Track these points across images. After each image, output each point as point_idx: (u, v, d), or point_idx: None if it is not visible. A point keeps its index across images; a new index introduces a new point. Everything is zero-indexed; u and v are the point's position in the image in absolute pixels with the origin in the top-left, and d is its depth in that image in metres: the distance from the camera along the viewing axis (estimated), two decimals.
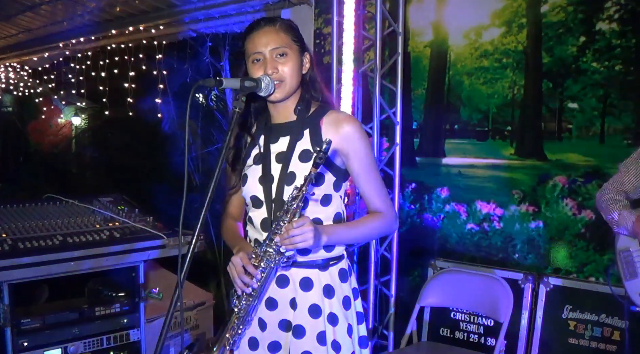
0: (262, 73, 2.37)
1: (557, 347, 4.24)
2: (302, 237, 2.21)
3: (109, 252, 3.82)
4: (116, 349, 4.00)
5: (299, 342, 2.41)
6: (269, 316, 2.48)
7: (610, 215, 3.15)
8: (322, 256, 2.46)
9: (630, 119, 4.06)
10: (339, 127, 2.43)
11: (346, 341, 2.46)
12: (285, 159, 2.45)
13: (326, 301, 2.45)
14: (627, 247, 3.15)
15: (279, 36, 2.39)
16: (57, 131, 11.12)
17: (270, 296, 2.47)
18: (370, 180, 2.48)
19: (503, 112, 4.66)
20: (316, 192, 2.42)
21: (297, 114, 2.50)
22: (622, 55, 4.07)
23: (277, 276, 2.45)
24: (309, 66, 2.51)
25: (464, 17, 4.80)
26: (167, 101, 7.70)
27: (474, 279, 4.26)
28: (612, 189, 3.21)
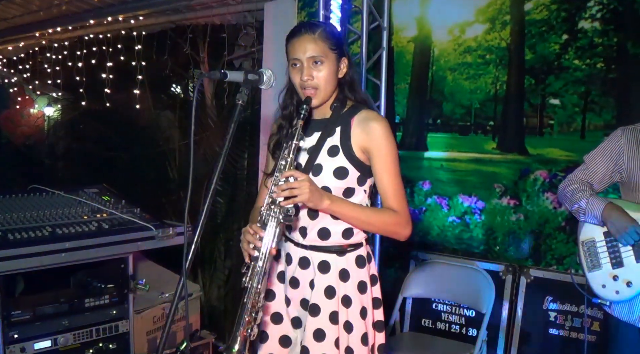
0: (299, 77, 2.52)
1: (538, 337, 4.32)
2: (298, 187, 2.32)
3: (99, 243, 3.80)
4: (105, 340, 4.00)
5: (314, 320, 2.57)
6: (292, 293, 2.67)
7: (577, 203, 3.11)
8: (340, 242, 2.61)
9: (610, 116, 4.15)
10: (366, 124, 2.55)
11: (359, 323, 2.59)
12: (315, 152, 2.60)
13: (341, 284, 2.60)
14: (592, 238, 3.13)
15: (317, 45, 2.50)
16: (31, 121, 11.00)
17: (294, 275, 2.65)
18: (389, 179, 2.56)
19: (485, 108, 4.73)
20: (339, 185, 2.56)
21: (332, 112, 2.64)
22: (603, 53, 4.16)
23: (300, 257, 2.63)
24: (346, 70, 2.62)
25: (448, 13, 4.86)
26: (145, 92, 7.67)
27: (456, 270, 4.34)
28: (577, 179, 3.21)
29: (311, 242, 2.63)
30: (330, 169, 2.56)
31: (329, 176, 2.56)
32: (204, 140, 6.64)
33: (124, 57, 7.65)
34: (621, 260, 3.02)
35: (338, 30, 2.74)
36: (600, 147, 3.20)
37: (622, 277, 3.00)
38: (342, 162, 2.56)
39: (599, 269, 3.08)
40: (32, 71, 9.52)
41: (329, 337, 2.56)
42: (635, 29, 4.03)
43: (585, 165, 3.24)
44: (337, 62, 2.58)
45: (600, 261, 3.09)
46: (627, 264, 3.00)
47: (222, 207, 6.86)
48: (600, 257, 3.09)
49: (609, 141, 3.17)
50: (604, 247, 3.09)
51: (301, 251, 2.65)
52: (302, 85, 2.54)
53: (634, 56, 4.03)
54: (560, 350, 4.25)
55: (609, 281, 3.04)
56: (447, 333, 4.69)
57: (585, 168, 3.23)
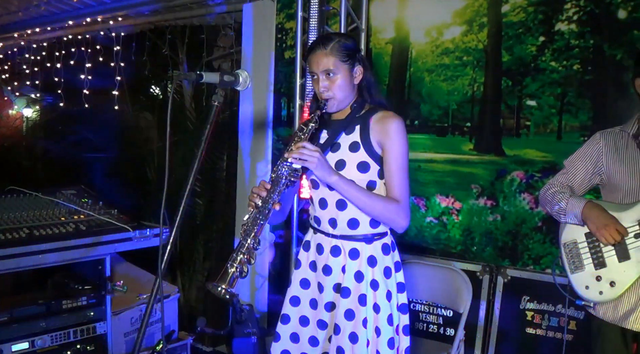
0: (317, 88, 2.78)
1: (515, 337, 4.32)
2: (309, 154, 2.56)
3: (76, 245, 3.77)
4: (83, 342, 3.95)
5: (344, 301, 2.80)
6: (325, 280, 2.87)
7: (557, 205, 3.09)
8: (368, 231, 2.83)
9: (586, 117, 4.14)
10: (383, 123, 2.76)
11: (385, 305, 2.82)
12: (338, 148, 2.83)
13: (369, 269, 2.82)
14: (573, 240, 3.09)
15: (328, 59, 2.73)
16: (10, 122, 10.87)
17: (327, 263, 2.86)
18: (396, 171, 2.75)
19: (463, 109, 4.71)
20: (363, 178, 2.77)
21: (351, 113, 2.85)
22: (580, 55, 4.15)
23: (332, 246, 2.86)
24: (362, 76, 2.84)
25: (425, 15, 4.84)
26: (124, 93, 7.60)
27: (433, 271, 4.30)
28: (557, 183, 3.20)
29: (341, 232, 2.85)
30: (354, 164, 2.77)
31: (353, 170, 2.77)
32: (182, 142, 6.60)
33: (102, 58, 7.59)
34: (604, 260, 2.98)
35: (353, 40, 2.87)
36: (580, 151, 3.21)
37: (605, 277, 2.97)
38: (363, 157, 2.77)
39: (581, 270, 3.04)
40: (11, 72, 9.43)
41: (358, 317, 2.78)
42: (611, 31, 4.02)
43: (565, 169, 3.25)
44: (351, 72, 2.79)
45: (582, 262, 3.05)
46: (609, 264, 2.97)
47: (201, 208, 6.83)
48: (582, 258, 3.06)
49: (588, 145, 3.18)
50: (586, 248, 3.05)
51: (332, 240, 2.87)
52: (319, 95, 2.79)
53: (610, 58, 4.03)
54: (537, 349, 4.24)
55: (593, 282, 3.00)
56: (425, 332, 4.67)
57: (565, 172, 3.24)
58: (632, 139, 3.01)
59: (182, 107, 7.11)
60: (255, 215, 2.57)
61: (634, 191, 2.96)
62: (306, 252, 3.00)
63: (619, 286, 2.93)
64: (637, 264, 2.90)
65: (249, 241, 2.51)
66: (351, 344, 2.77)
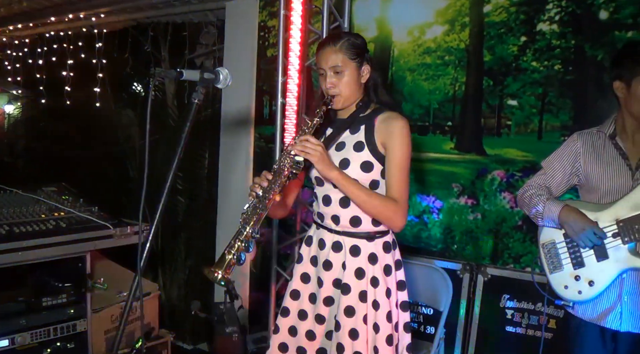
0: (324, 84, 2.80)
1: (495, 335, 4.30)
2: (313, 148, 2.59)
3: (56, 242, 3.73)
4: (63, 339, 3.91)
5: (345, 298, 2.82)
6: (325, 275, 2.90)
7: (534, 208, 3.10)
8: (370, 229, 2.85)
9: (567, 117, 4.14)
10: (388, 123, 2.78)
11: (384, 302, 2.84)
12: (342, 147, 2.86)
13: (370, 266, 2.84)
14: (552, 240, 3.10)
15: (337, 56, 2.76)
16: None
17: (328, 258, 2.89)
18: (396, 171, 2.77)
19: (444, 108, 4.70)
20: (366, 177, 2.79)
21: (356, 112, 2.88)
22: (561, 55, 4.15)
23: (333, 242, 2.89)
24: (369, 75, 2.87)
25: (408, 15, 4.82)
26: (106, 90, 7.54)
27: (414, 269, 4.29)
28: (535, 185, 3.20)
29: (344, 229, 2.87)
30: (358, 163, 2.79)
31: (356, 169, 2.79)
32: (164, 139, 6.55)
33: (84, 54, 7.53)
34: (582, 260, 2.99)
35: (362, 40, 2.88)
36: (557, 152, 3.21)
37: (583, 277, 2.98)
38: (367, 157, 2.79)
39: (560, 270, 3.05)
40: None
41: (358, 313, 2.80)
42: (592, 32, 4.03)
43: (543, 170, 3.25)
44: (358, 70, 2.81)
45: (561, 262, 3.06)
46: (588, 263, 2.97)
47: (182, 206, 6.78)
48: (561, 258, 3.06)
49: (566, 145, 3.18)
50: (565, 248, 3.06)
51: (334, 236, 2.90)
52: (326, 91, 2.80)
53: (591, 58, 4.03)
54: (517, 347, 4.22)
55: (571, 282, 3.01)
56: None
57: (543, 173, 3.24)
58: (609, 139, 3.02)
59: (164, 104, 7.05)
60: (256, 204, 2.58)
61: (611, 191, 2.97)
62: (308, 247, 3.03)
63: (598, 285, 2.94)
64: (615, 263, 2.90)
65: (248, 230, 2.52)
66: (351, 340, 2.80)
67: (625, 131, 3.00)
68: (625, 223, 2.89)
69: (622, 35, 3.91)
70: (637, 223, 2.85)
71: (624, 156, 2.97)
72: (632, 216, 2.87)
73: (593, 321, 3.01)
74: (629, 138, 2.99)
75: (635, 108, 2.90)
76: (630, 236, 2.87)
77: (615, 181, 2.96)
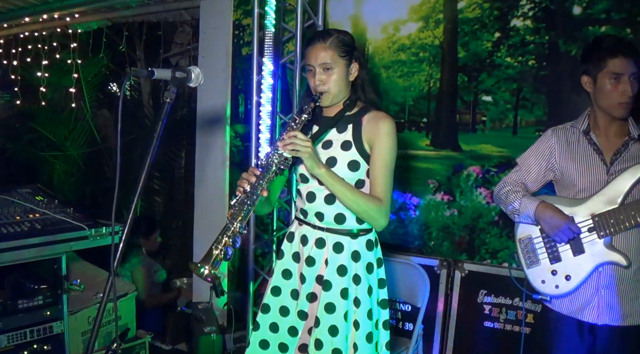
0: (313, 81, 2.78)
1: (473, 330, 4.29)
2: (302, 144, 2.55)
3: (31, 244, 3.67)
4: (40, 342, 3.84)
5: (326, 294, 2.80)
6: (308, 271, 2.87)
7: (511, 205, 3.10)
8: (353, 226, 2.84)
9: (541, 112, 4.13)
10: (376, 122, 2.79)
11: (366, 299, 2.83)
12: (329, 146, 2.84)
13: (353, 264, 2.83)
14: (528, 235, 3.11)
15: (327, 53, 2.74)
16: None
17: (310, 255, 2.87)
18: (381, 170, 2.78)
19: (419, 105, 4.67)
20: (352, 176, 2.78)
21: (344, 110, 2.86)
22: (535, 51, 4.13)
23: (317, 238, 2.86)
24: (357, 73, 2.87)
25: (382, 12, 4.78)
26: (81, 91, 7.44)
27: (392, 266, 4.26)
28: (511, 181, 3.20)
29: (327, 225, 2.85)
30: (345, 162, 2.79)
31: (343, 168, 2.78)
32: (141, 139, 6.48)
33: (59, 55, 7.42)
34: (558, 255, 3.00)
35: (351, 37, 2.88)
36: (532, 148, 3.20)
37: (560, 271, 2.98)
38: (354, 156, 2.79)
39: (537, 265, 3.06)
40: None
41: (339, 310, 2.78)
42: (566, 27, 4.01)
43: (518, 167, 3.24)
44: (347, 68, 2.81)
45: (538, 257, 3.07)
46: (564, 258, 2.98)
47: (160, 206, 6.73)
48: (537, 253, 3.07)
49: (540, 142, 3.17)
50: (541, 243, 3.06)
51: (318, 232, 2.87)
52: (314, 88, 2.78)
53: (565, 54, 4.02)
54: (495, 342, 4.21)
55: (548, 276, 3.02)
56: None
57: (518, 169, 3.23)
58: (583, 135, 3.02)
59: (140, 104, 7.00)
60: (243, 200, 2.56)
61: (586, 187, 2.97)
62: (290, 243, 2.99)
63: (575, 279, 2.94)
64: (591, 257, 2.91)
65: (235, 225, 2.50)
66: (331, 337, 2.78)
67: (598, 126, 2.99)
68: (601, 218, 2.89)
69: (596, 30, 3.89)
70: (612, 218, 2.86)
71: (598, 151, 2.96)
72: (607, 210, 2.88)
73: (571, 314, 3.00)
74: (602, 133, 2.98)
75: (603, 102, 2.91)
76: (605, 231, 2.88)
77: (590, 177, 2.96)
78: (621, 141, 2.95)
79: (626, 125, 2.96)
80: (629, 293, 2.91)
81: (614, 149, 2.95)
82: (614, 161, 2.93)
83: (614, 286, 2.91)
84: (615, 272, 2.91)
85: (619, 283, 2.91)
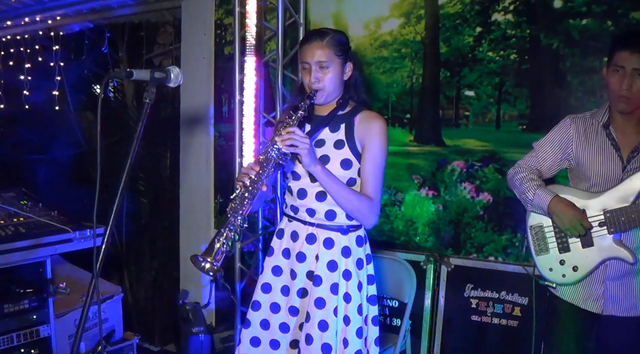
0: (308, 78, 2.80)
1: (461, 324, 4.27)
2: (301, 141, 2.56)
3: (16, 247, 3.69)
4: (27, 346, 3.86)
5: (316, 289, 2.83)
6: (299, 267, 2.89)
7: (524, 194, 3.12)
8: (344, 222, 2.88)
9: (524, 106, 4.10)
10: (368, 122, 2.84)
11: (356, 295, 2.86)
12: (322, 144, 2.88)
13: (343, 259, 2.87)
14: (540, 223, 3.15)
15: (324, 51, 2.77)
16: None
17: (301, 250, 2.89)
18: (372, 169, 2.83)
19: (402, 101, 4.63)
20: (345, 174, 2.82)
21: (336, 109, 2.90)
22: (516, 45, 4.10)
23: (308, 234, 2.89)
24: (351, 73, 2.91)
25: (363, 9, 4.73)
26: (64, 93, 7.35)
27: (378, 262, 4.22)
28: (526, 167, 3.21)
29: (318, 221, 2.88)
30: (338, 160, 2.82)
31: (336, 166, 2.82)
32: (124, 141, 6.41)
33: (42, 58, 7.33)
34: (568, 246, 3.04)
35: (347, 38, 2.94)
36: (549, 136, 3.20)
37: (568, 261, 3.03)
38: (347, 155, 2.83)
39: (546, 253, 3.11)
40: None
41: (329, 305, 2.82)
42: (547, 21, 3.98)
43: (534, 152, 3.24)
44: (342, 67, 2.85)
45: (547, 245, 3.11)
46: (573, 249, 3.03)
47: (146, 207, 6.66)
48: (548, 242, 3.12)
49: (559, 129, 3.16)
50: (552, 233, 3.10)
51: (308, 228, 2.90)
52: (309, 85, 2.80)
53: (546, 47, 3.99)
54: (483, 336, 4.20)
55: (556, 265, 3.08)
56: None
57: (534, 155, 3.24)
58: (602, 128, 3.01)
59: (123, 105, 6.91)
60: (244, 194, 2.55)
61: (601, 181, 2.99)
62: (279, 239, 3.01)
63: (581, 270, 3.00)
64: (599, 251, 2.95)
65: (238, 218, 2.50)
66: (320, 332, 2.80)
67: (615, 120, 2.99)
68: (612, 214, 2.91)
69: (577, 23, 3.86)
70: (623, 215, 2.88)
71: (616, 147, 2.97)
72: (619, 207, 2.90)
73: (575, 303, 3.07)
74: (620, 128, 2.98)
75: (609, 95, 2.97)
76: (615, 227, 2.91)
77: (606, 171, 2.98)
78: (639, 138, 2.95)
79: None
80: (632, 286, 2.96)
81: (632, 146, 2.94)
82: (631, 158, 2.93)
83: (620, 279, 2.97)
84: (621, 266, 2.95)
85: (625, 277, 2.96)
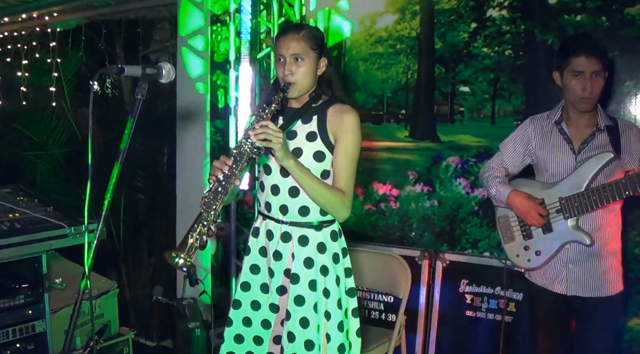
0: (282, 71, 2.76)
1: (455, 320, 4.25)
2: (274, 135, 2.49)
3: (11, 243, 3.67)
4: (22, 341, 3.84)
5: (295, 287, 2.82)
6: (276, 265, 2.87)
7: (489, 190, 3.37)
8: (317, 218, 2.85)
9: (519, 101, 4.11)
10: (340, 114, 2.79)
11: (334, 290, 2.85)
12: (294, 136, 2.83)
13: (319, 255, 2.84)
14: (506, 214, 3.40)
15: (299, 44, 2.74)
16: None
17: (277, 249, 2.86)
18: (345, 163, 2.79)
19: (397, 97, 4.63)
20: (318, 167, 2.79)
21: (309, 103, 2.85)
22: (511, 40, 4.11)
23: (282, 232, 2.85)
24: (325, 69, 2.86)
25: (359, 5, 4.72)
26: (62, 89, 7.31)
27: (373, 257, 4.24)
28: (494, 165, 3.43)
29: (292, 219, 2.84)
30: (310, 153, 2.78)
31: (309, 159, 2.78)
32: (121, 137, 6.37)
33: (39, 54, 7.29)
34: (530, 232, 3.30)
35: (322, 33, 2.95)
36: (512, 135, 3.42)
37: (532, 247, 3.29)
38: (319, 147, 2.79)
39: (512, 241, 3.37)
40: None
41: (309, 302, 2.80)
42: (542, 16, 3.99)
43: (500, 152, 3.46)
44: (317, 61, 2.81)
45: (513, 234, 3.37)
46: (535, 235, 3.28)
47: (144, 204, 6.63)
48: (513, 230, 3.37)
49: (520, 130, 3.39)
50: (516, 222, 3.36)
51: (282, 226, 2.86)
52: (283, 78, 2.76)
53: (541, 43, 3.99)
54: (478, 331, 4.18)
55: (522, 251, 3.33)
56: (366, 319, 4.54)
57: (500, 154, 3.46)
58: (555, 125, 3.24)
59: (121, 102, 6.88)
60: (217, 188, 2.51)
61: (557, 172, 3.23)
62: (255, 238, 2.98)
63: (544, 254, 3.24)
64: (559, 235, 3.19)
65: (211, 213, 2.46)
66: (302, 329, 2.80)
67: (569, 117, 3.21)
68: (567, 201, 3.15)
69: (572, 19, 3.87)
70: (577, 201, 3.11)
71: (568, 140, 3.20)
72: (572, 194, 3.13)
73: (545, 286, 3.29)
74: (573, 123, 3.20)
75: (568, 96, 3.13)
76: (570, 212, 3.14)
77: (561, 163, 3.21)
78: (590, 131, 3.16)
79: (595, 116, 3.17)
80: (594, 268, 3.16)
81: (583, 139, 3.17)
82: (581, 149, 3.16)
83: (581, 261, 3.17)
84: (581, 249, 3.16)
85: (585, 259, 3.16)
